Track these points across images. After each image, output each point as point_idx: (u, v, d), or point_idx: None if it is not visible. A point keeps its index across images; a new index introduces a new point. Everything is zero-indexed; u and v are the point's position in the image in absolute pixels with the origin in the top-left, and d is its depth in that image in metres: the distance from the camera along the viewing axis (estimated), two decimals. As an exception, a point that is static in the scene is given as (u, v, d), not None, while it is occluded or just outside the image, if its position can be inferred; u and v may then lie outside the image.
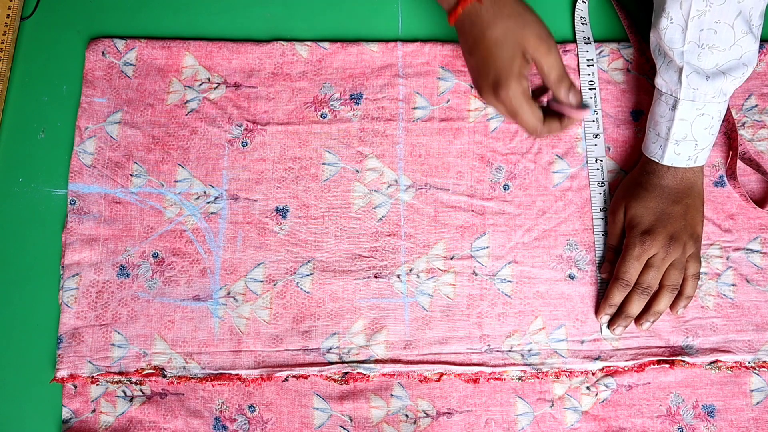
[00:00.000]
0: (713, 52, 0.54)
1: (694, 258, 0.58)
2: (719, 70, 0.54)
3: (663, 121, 0.57)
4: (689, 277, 0.59)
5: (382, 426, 0.58)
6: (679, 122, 0.56)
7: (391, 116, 0.63)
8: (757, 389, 0.59)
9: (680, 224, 0.58)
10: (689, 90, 0.55)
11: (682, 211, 0.58)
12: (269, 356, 0.59)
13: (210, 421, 0.58)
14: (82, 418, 0.58)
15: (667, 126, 0.57)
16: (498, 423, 0.58)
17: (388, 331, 0.59)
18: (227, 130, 0.63)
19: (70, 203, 0.61)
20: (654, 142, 0.58)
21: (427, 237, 0.61)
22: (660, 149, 0.58)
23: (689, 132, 0.56)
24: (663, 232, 0.57)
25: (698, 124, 0.56)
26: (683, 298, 0.59)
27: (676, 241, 0.57)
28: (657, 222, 0.58)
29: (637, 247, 0.57)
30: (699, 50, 0.54)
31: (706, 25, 0.53)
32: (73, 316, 0.59)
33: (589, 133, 0.63)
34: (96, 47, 0.64)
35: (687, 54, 0.54)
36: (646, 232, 0.57)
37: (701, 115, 0.56)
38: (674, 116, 0.56)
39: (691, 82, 0.55)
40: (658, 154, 0.58)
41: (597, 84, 0.64)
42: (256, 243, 0.61)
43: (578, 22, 0.65)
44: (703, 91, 0.55)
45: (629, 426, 0.58)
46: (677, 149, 0.57)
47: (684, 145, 0.57)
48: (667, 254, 0.57)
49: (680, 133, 0.56)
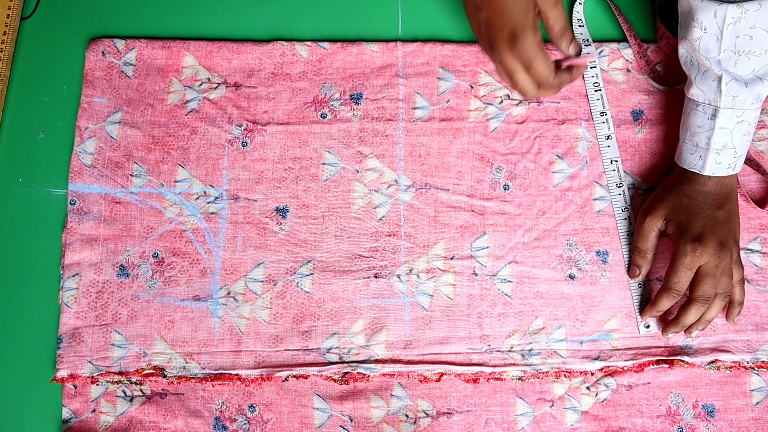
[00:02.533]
0: (750, 57, 0.53)
1: (737, 263, 0.58)
2: (756, 76, 0.54)
3: (701, 131, 0.56)
4: (736, 283, 0.58)
5: (382, 426, 0.58)
6: (719, 131, 0.55)
7: (391, 116, 0.63)
8: (756, 389, 0.59)
9: (726, 230, 0.57)
10: (729, 98, 0.54)
11: (725, 216, 0.57)
12: (269, 356, 0.59)
13: (210, 421, 0.58)
14: (82, 418, 0.58)
15: (707, 136, 0.56)
16: (498, 423, 0.58)
17: (388, 331, 0.59)
18: (227, 130, 0.63)
19: (70, 203, 0.61)
20: (692, 153, 0.57)
21: (427, 237, 0.61)
22: (700, 160, 0.57)
23: (729, 140, 0.56)
24: (713, 238, 0.56)
25: (738, 132, 0.56)
26: (736, 305, 0.58)
27: (725, 247, 0.56)
28: (706, 229, 0.56)
29: (689, 256, 0.56)
30: (735, 57, 0.53)
31: (742, 32, 0.52)
32: (73, 316, 0.59)
33: (601, 134, 0.63)
34: (96, 47, 0.64)
35: (724, 62, 0.54)
36: (697, 240, 0.56)
37: (740, 123, 0.55)
38: (714, 125, 0.55)
39: (730, 89, 0.54)
40: (698, 165, 0.57)
41: (602, 85, 0.64)
42: (256, 243, 0.61)
43: (575, 24, 0.65)
44: (742, 98, 0.54)
45: (629, 426, 0.58)
46: (718, 158, 0.56)
47: (724, 153, 0.56)
48: (720, 261, 0.56)
49: (721, 142, 0.56)
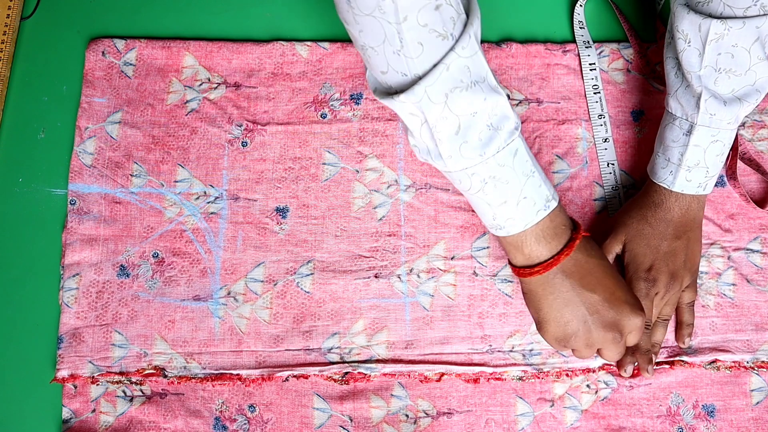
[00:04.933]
0: (730, 76, 0.52)
1: (690, 288, 0.58)
2: (735, 96, 0.53)
3: (675, 146, 0.55)
4: (685, 306, 0.58)
5: (382, 426, 0.58)
6: (693, 148, 0.54)
7: (391, 116, 0.63)
8: (757, 389, 0.59)
9: (681, 260, 0.57)
10: (706, 116, 0.53)
11: (683, 245, 0.57)
12: (270, 356, 0.59)
13: (210, 421, 0.58)
14: (82, 418, 0.58)
15: (680, 152, 0.55)
16: (498, 423, 0.58)
17: (389, 331, 0.59)
18: (227, 130, 0.63)
19: (70, 203, 0.61)
20: (664, 168, 0.56)
21: (427, 237, 0.61)
22: (671, 175, 0.56)
23: (702, 159, 0.55)
24: (665, 270, 0.56)
25: (711, 151, 0.54)
26: (685, 326, 0.59)
27: (675, 278, 0.57)
28: (659, 260, 0.57)
29: (643, 286, 0.56)
30: (716, 75, 0.52)
31: (724, 49, 0.51)
32: (74, 316, 0.59)
33: (599, 137, 0.63)
34: (96, 47, 0.64)
35: (704, 78, 0.53)
36: (649, 271, 0.56)
37: (714, 142, 0.54)
38: (689, 142, 0.54)
39: (709, 107, 0.53)
40: (668, 180, 0.56)
41: (601, 87, 0.64)
42: (257, 243, 0.61)
43: (576, 26, 0.65)
44: (719, 116, 0.53)
45: (629, 425, 0.58)
46: (689, 176, 0.55)
47: (696, 171, 0.55)
48: (667, 293, 0.57)
49: (693, 160, 0.55)
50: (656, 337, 0.58)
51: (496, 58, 0.64)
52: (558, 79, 0.64)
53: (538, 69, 0.64)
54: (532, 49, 0.64)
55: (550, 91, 0.64)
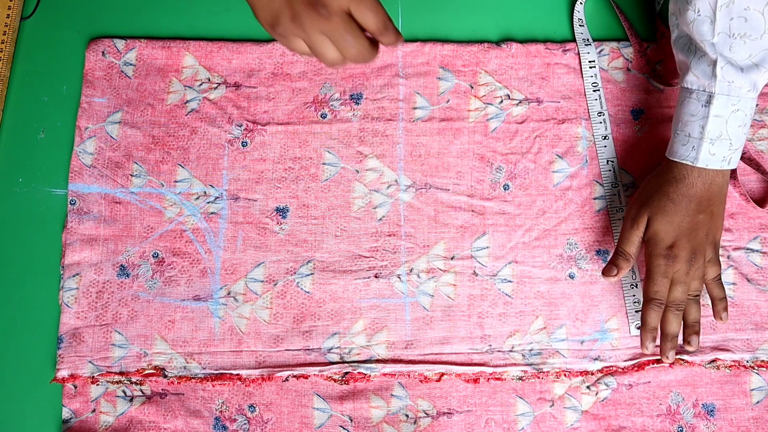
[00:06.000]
0: (745, 41, 0.51)
1: (712, 263, 0.57)
2: (753, 62, 0.52)
3: (695, 120, 0.54)
4: (712, 282, 0.57)
5: (382, 426, 0.58)
6: (714, 119, 0.53)
7: (391, 116, 0.63)
8: (756, 388, 0.59)
9: (702, 235, 0.56)
10: (724, 83, 0.52)
11: (706, 219, 0.56)
12: (270, 356, 0.59)
13: (210, 421, 0.58)
14: (82, 418, 0.58)
15: (701, 124, 0.53)
16: (498, 423, 0.58)
17: (389, 331, 0.59)
18: (227, 130, 0.63)
19: (70, 203, 0.61)
20: (684, 144, 0.55)
21: (427, 237, 0.61)
22: (693, 150, 0.54)
23: (724, 130, 0.53)
24: (687, 246, 0.55)
25: (733, 122, 0.53)
26: (718, 301, 0.57)
27: (698, 253, 0.56)
28: (681, 236, 0.55)
29: (663, 265, 0.55)
30: (730, 41, 0.52)
31: (736, 14, 0.51)
32: (74, 316, 0.59)
33: (598, 134, 0.63)
34: (96, 47, 0.64)
35: (719, 45, 0.52)
36: (671, 248, 0.55)
37: (736, 111, 0.53)
38: (709, 113, 0.53)
39: (726, 74, 0.52)
40: (690, 156, 0.54)
41: (600, 85, 0.64)
42: (256, 243, 0.61)
43: (576, 24, 0.65)
44: (738, 84, 0.52)
45: (629, 425, 0.58)
46: (712, 149, 0.54)
47: (719, 144, 0.53)
48: (691, 268, 0.56)
49: (715, 131, 0.53)
50: (693, 316, 0.57)
51: (496, 58, 0.64)
52: (558, 78, 0.64)
53: (538, 68, 0.64)
54: (532, 49, 0.65)
55: (550, 90, 0.64)
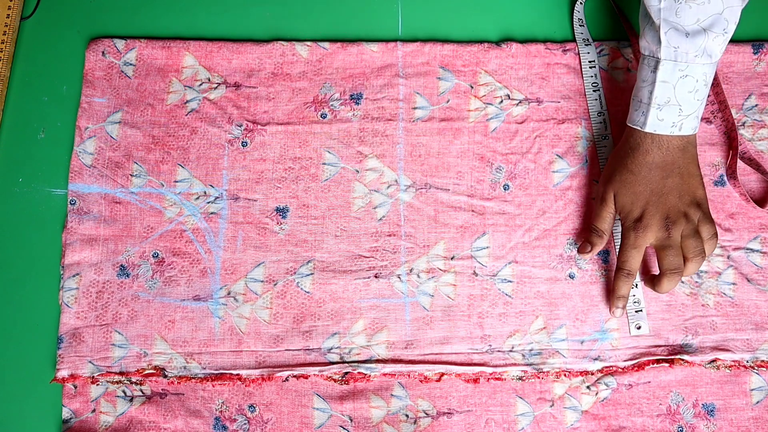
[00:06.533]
0: (691, 6, 0.52)
1: (704, 220, 0.56)
2: (701, 27, 0.52)
3: (645, 86, 0.55)
4: (707, 240, 0.56)
5: (382, 426, 0.58)
6: (661, 84, 0.53)
7: (391, 116, 0.63)
8: (756, 388, 0.59)
9: (674, 198, 0.55)
10: (669, 49, 0.53)
11: (675, 183, 0.55)
12: (270, 356, 0.59)
13: (210, 421, 0.58)
14: (82, 418, 0.58)
15: (649, 90, 0.54)
16: (498, 423, 0.58)
17: (389, 331, 0.59)
18: (227, 130, 0.63)
19: (70, 203, 0.61)
20: (636, 110, 0.55)
21: (427, 237, 0.61)
22: (642, 116, 0.55)
23: (672, 95, 0.53)
24: (656, 214, 0.55)
25: (682, 87, 0.53)
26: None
27: (673, 216, 0.55)
28: (647, 206, 0.56)
29: (632, 236, 0.56)
30: (676, 5, 0.52)
31: None
32: (74, 316, 0.59)
33: (598, 134, 0.63)
34: (96, 47, 0.64)
35: (664, 11, 0.52)
36: (639, 220, 0.56)
37: (684, 77, 0.53)
38: (656, 78, 0.53)
39: (670, 39, 0.52)
40: (640, 121, 0.55)
41: (600, 85, 0.64)
42: (256, 243, 0.61)
43: (576, 24, 0.65)
44: (684, 49, 0.53)
45: (629, 425, 0.58)
46: (660, 114, 0.54)
47: (667, 110, 0.54)
48: (670, 233, 0.55)
49: (663, 97, 0.54)
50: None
51: (496, 58, 0.64)
52: (558, 78, 0.64)
53: (538, 68, 0.64)
54: (533, 49, 0.65)
55: (551, 90, 0.64)
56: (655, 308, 0.60)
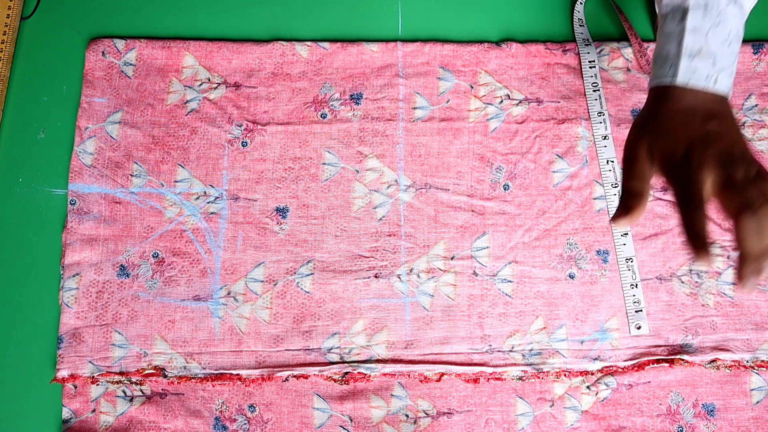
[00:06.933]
0: None
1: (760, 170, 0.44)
2: None
3: (672, 39, 0.48)
4: None
5: (382, 426, 0.58)
6: (691, 33, 0.47)
7: (391, 116, 0.63)
8: (757, 388, 0.59)
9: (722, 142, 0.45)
10: None
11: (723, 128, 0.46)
12: (270, 356, 0.59)
13: (210, 421, 0.58)
14: (82, 418, 0.58)
15: (677, 41, 0.47)
16: (498, 423, 0.58)
17: (389, 331, 0.59)
18: (227, 130, 0.63)
19: (70, 203, 0.61)
20: (662, 67, 0.48)
21: (427, 237, 0.61)
22: (671, 68, 0.47)
23: (704, 44, 0.47)
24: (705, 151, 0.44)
25: (714, 37, 0.47)
26: None
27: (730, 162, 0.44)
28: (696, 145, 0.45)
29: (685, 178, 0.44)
30: None
31: None
32: (74, 316, 0.59)
33: (598, 134, 0.63)
34: (96, 47, 0.64)
35: None
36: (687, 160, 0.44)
37: (716, 26, 0.47)
38: (684, 27, 0.47)
39: None
40: (669, 74, 0.47)
41: (600, 85, 0.64)
42: (256, 243, 0.61)
43: (576, 24, 0.66)
44: None
45: (629, 425, 0.58)
46: (692, 64, 0.47)
47: (699, 60, 0.47)
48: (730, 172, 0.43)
49: (694, 45, 0.47)
50: None
51: (496, 58, 0.64)
52: (558, 78, 0.64)
53: (539, 68, 0.64)
54: (533, 49, 0.65)
55: (551, 90, 0.64)
56: (655, 308, 0.60)
